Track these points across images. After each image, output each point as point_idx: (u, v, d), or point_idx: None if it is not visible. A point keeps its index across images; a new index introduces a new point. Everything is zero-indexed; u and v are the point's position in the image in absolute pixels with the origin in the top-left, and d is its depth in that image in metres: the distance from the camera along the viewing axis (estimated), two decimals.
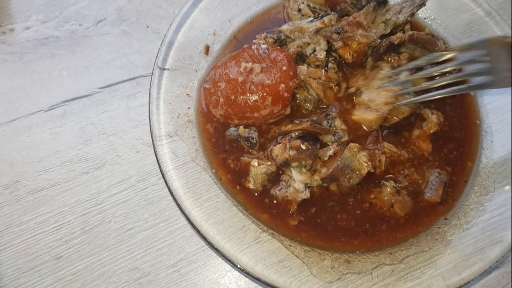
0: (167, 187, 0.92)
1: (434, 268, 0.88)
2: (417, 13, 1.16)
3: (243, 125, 1.02)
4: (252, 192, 0.97)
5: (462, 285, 0.86)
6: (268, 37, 1.10)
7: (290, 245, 0.90)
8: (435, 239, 0.93)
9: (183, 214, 0.90)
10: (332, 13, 1.10)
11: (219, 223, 0.90)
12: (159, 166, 0.93)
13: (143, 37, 1.26)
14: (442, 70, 0.97)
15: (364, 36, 1.03)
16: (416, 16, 1.17)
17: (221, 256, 0.88)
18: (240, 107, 1.00)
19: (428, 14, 1.20)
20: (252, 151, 1.01)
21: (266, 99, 0.99)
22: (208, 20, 1.13)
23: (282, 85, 0.99)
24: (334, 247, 0.93)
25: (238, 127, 1.01)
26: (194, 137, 1.01)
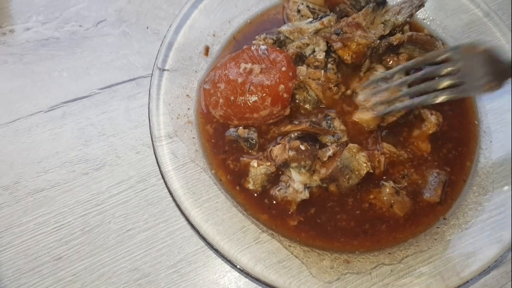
0: (167, 188, 0.92)
1: (433, 268, 0.88)
2: (416, 14, 1.16)
3: (242, 126, 1.02)
4: (251, 192, 0.97)
5: (461, 284, 0.86)
6: (268, 38, 1.10)
7: (289, 246, 0.90)
8: (434, 239, 0.93)
9: (183, 214, 0.90)
10: (331, 14, 1.10)
11: (219, 223, 0.90)
12: (159, 167, 0.93)
13: (143, 38, 1.26)
14: (414, 79, 0.96)
15: (363, 37, 1.03)
16: (415, 17, 1.17)
17: (221, 257, 0.88)
18: (239, 108, 1.00)
19: (427, 15, 1.20)
20: (252, 152, 1.01)
21: (266, 99, 0.99)
22: (208, 21, 1.14)
23: (282, 86, 0.99)
24: (333, 247, 0.93)
25: (238, 127, 1.02)
26: (193, 137, 1.01)
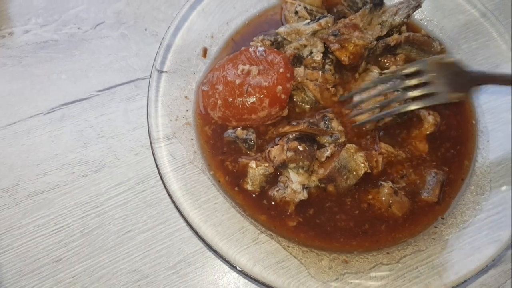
0: (166, 189, 0.92)
1: (431, 267, 0.89)
2: (413, 15, 1.17)
3: (241, 127, 1.02)
4: (250, 193, 0.97)
5: (459, 284, 0.86)
6: (265, 39, 1.11)
7: (288, 246, 0.90)
8: (432, 239, 0.93)
9: (182, 216, 0.91)
10: (329, 15, 1.10)
11: (218, 224, 0.90)
12: (158, 169, 0.94)
13: (141, 40, 1.26)
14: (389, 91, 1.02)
15: (360, 38, 1.03)
16: (412, 17, 1.17)
17: (220, 258, 0.89)
18: (237, 109, 1.00)
19: (424, 16, 1.20)
20: (250, 153, 1.01)
21: (264, 101, 0.99)
22: (206, 22, 1.14)
23: (279, 87, 1.00)
24: (332, 247, 0.93)
25: (236, 129, 1.02)
26: (192, 139, 1.01)
